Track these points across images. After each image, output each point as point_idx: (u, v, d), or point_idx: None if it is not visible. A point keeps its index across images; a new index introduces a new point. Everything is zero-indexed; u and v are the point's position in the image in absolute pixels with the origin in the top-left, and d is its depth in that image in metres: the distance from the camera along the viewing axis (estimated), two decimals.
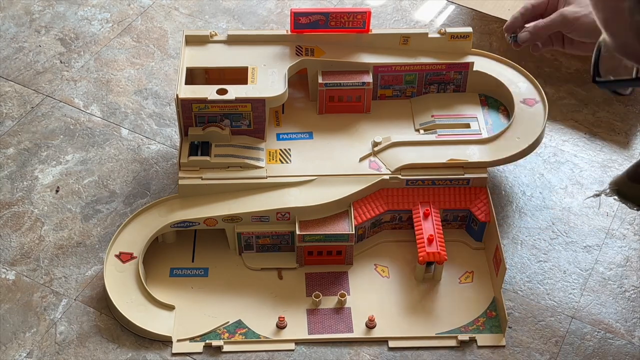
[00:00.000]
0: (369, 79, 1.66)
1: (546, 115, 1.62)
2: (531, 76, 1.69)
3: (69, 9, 2.03)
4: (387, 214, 1.56)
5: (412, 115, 1.69)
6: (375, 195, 1.56)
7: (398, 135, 1.61)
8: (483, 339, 1.45)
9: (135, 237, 1.52)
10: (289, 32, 1.68)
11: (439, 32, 1.69)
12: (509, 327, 1.46)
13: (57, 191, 1.65)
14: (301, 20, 1.64)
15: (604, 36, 0.92)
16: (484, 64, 1.71)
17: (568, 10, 1.32)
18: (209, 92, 1.54)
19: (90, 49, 1.94)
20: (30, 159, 1.71)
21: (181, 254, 1.56)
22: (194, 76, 1.64)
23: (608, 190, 1.37)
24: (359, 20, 1.64)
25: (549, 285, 1.53)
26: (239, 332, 1.45)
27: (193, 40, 1.67)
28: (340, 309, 1.49)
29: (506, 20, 1.86)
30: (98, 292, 1.50)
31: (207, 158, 1.53)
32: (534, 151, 1.61)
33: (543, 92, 1.65)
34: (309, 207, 1.51)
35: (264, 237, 1.53)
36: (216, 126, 1.56)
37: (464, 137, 1.61)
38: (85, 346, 1.43)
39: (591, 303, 1.51)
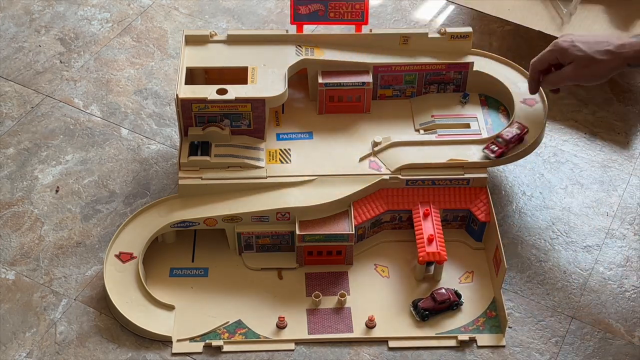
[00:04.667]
0: (369, 79, 1.66)
1: (546, 115, 1.62)
2: None
3: (68, 9, 2.03)
4: (387, 214, 1.56)
5: (412, 115, 1.69)
6: (375, 195, 1.55)
7: (398, 135, 1.61)
8: (483, 339, 1.45)
9: (135, 237, 1.52)
10: (289, 32, 1.69)
11: (439, 32, 1.69)
12: (509, 327, 1.46)
13: (57, 191, 1.65)
14: (301, 11, 1.65)
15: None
16: (484, 64, 1.71)
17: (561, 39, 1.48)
18: (208, 92, 1.54)
19: (90, 48, 1.94)
20: (30, 159, 1.71)
21: (181, 254, 1.56)
22: (194, 76, 1.64)
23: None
24: (357, 10, 1.65)
25: (549, 285, 1.53)
26: (239, 332, 1.45)
27: (193, 40, 1.67)
28: (340, 309, 1.48)
29: (506, 21, 1.87)
30: (98, 292, 1.50)
31: (207, 158, 1.53)
32: (534, 151, 1.61)
33: (543, 92, 1.65)
34: (309, 207, 1.51)
35: (264, 237, 1.53)
36: (216, 126, 1.56)
37: (464, 137, 1.61)
38: (85, 346, 1.43)
39: (591, 303, 1.51)
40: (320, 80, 1.65)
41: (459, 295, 1.48)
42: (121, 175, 1.69)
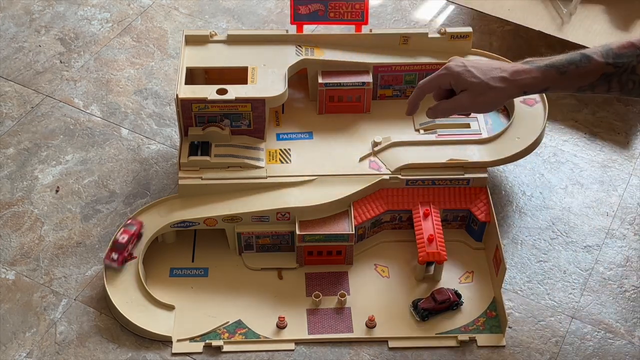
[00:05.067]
0: (369, 79, 1.66)
1: (546, 115, 1.62)
2: None
3: (68, 9, 2.03)
4: (387, 214, 1.56)
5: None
6: (375, 195, 1.55)
7: (398, 135, 1.61)
8: (483, 339, 1.45)
9: None
10: (289, 32, 1.69)
11: (439, 32, 1.69)
12: (509, 327, 1.46)
13: (57, 191, 1.65)
14: (301, 11, 1.65)
15: None
16: None
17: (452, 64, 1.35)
18: (209, 92, 1.54)
19: (90, 48, 1.94)
20: (30, 159, 1.71)
21: (181, 254, 1.56)
22: (194, 76, 1.64)
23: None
24: (357, 10, 1.66)
25: (549, 285, 1.53)
26: (239, 332, 1.45)
27: (193, 40, 1.67)
28: (340, 309, 1.48)
29: (506, 21, 1.88)
30: (98, 292, 1.50)
31: (207, 158, 1.53)
32: (534, 151, 1.61)
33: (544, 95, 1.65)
34: (309, 207, 1.51)
35: (264, 237, 1.53)
36: (216, 126, 1.56)
37: (464, 137, 1.61)
38: (85, 346, 1.43)
39: (591, 303, 1.51)
40: (320, 80, 1.65)
41: (459, 295, 1.48)
42: (121, 175, 1.69)
